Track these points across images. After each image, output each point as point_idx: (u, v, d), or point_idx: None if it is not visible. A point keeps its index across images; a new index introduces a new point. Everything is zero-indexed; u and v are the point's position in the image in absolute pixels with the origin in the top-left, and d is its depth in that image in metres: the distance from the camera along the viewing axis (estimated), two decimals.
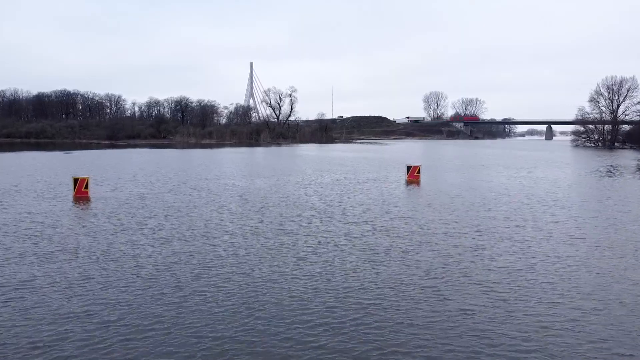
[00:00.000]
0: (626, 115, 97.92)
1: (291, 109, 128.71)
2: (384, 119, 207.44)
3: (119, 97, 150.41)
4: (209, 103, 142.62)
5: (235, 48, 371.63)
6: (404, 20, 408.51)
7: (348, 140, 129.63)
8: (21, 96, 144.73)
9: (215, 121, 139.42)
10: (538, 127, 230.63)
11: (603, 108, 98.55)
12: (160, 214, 16.48)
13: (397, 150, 77.65)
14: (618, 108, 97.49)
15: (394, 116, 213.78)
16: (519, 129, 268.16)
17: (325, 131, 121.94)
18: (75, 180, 21.01)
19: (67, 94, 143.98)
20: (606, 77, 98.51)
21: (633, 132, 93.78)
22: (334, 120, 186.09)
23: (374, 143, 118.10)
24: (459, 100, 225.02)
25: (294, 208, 17.95)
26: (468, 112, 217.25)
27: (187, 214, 16.50)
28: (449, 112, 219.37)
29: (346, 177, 29.72)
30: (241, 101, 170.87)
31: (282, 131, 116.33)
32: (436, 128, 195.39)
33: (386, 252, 11.57)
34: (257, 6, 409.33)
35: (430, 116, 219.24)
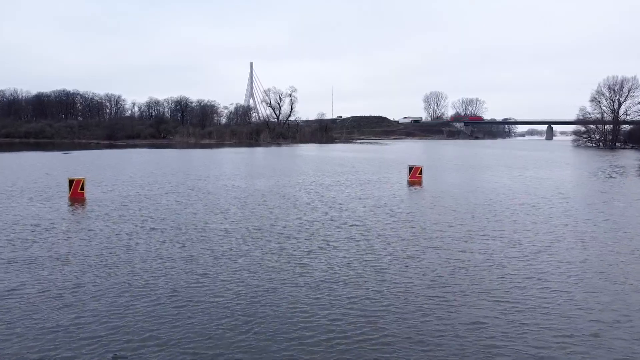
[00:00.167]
0: (627, 115, 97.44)
1: (291, 109, 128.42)
2: (384, 119, 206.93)
3: (119, 97, 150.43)
4: (209, 103, 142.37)
5: (235, 48, 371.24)
6: (404, 20, 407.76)
7: (348, 140, 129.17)
8: (21, 96, 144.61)
9: (215, 121, 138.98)
10: (538, 127, 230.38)
11: (604, 108, 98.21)
12: (157, 217, 16.04)
13: (398, 150, 77.21)
14: (619, 108, 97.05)
15: (394, 116, 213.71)
16: (519, 129, 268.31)
17: (325, 131, 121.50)
18: (70, 181, 20.56)
19: (67, 94, 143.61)
20: (607, 77, 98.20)
21: (634, 132, 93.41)
22: (334, 120, 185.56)
23: (374, 143, 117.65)
24: (459, 100, 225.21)
25: (295, 210, 17.50)
26: (468, 112, 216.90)
27: (185, 217, 16.05)
28: (449, 112, 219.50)
29: (347, 178, 29.26)
30: (241, 101, 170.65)
31: (282, 131, 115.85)
32: (436, 128, 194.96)
33: (390, 258, 11.12)
34: (257, 6, 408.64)
35: (430, 116, 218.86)
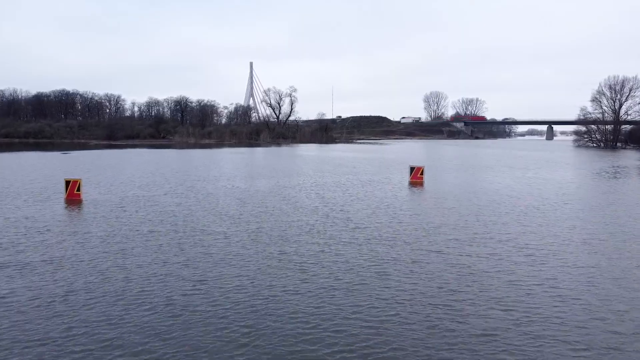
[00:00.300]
0: (628, 115, 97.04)
1: (291, 109, 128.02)
2: (384, 119, 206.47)
3: (119, 97, 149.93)
4: (209, 103, 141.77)
5: (235, 48, 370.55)
6: (404, 20, 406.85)
7: (348, 140, 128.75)
8: (20, 96, 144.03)
9: (214, 121, 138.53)
10: (538, 127, 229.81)
11: (605, 108, 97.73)
12: (154, 219, 15.68)
13: (398, 150, 76.85)
14: (620, 108, 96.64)
15: (394, 116, 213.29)
16: (520, 129, 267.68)
17: (325, 131, 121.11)
18: (67, 182, 20.19)
19: (66, 94, 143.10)
20: (608, 77, 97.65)
21: (635, 132, 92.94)
22: (334, 120, 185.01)
23: (374, 143, 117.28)
24: (459, 100, 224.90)
25: (295, 212, 17.14)
26: (468, 112, 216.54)
27: (183, 219, 15.69)
28: (449, 112, 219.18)
29: (348, 179, 28.90)
30: (241, 101, 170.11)
31: (282, 131, 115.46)
32: (436, 128, 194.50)
33: (394, 262, 10.76)
34: (257, 6, 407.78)
35: (430, 116, 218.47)
